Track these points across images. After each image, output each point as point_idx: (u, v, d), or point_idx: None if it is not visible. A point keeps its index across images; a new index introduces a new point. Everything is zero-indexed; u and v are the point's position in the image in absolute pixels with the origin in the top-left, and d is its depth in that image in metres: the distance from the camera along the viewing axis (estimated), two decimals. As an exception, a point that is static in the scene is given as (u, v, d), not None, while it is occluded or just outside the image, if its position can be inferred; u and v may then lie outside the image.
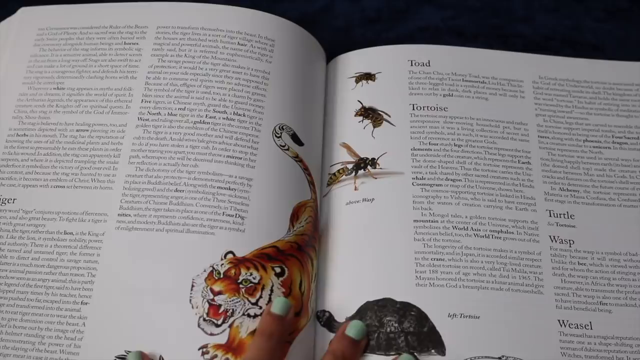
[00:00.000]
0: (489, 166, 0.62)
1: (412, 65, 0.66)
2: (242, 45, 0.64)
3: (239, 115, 0.61)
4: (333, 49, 0.69)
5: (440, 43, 0.69)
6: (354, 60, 0.68)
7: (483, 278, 0.57)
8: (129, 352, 0.52)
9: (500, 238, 0.59)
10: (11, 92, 0.64)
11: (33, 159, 0.60)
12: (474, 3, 0.76)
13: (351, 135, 0.64)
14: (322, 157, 0.64)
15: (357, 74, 0.66)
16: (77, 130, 0.61)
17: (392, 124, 0.63)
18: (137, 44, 0.64)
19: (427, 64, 0.67)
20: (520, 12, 0.75)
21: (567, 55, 0.69)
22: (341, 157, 0.63)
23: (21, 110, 0.63)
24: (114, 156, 0.59)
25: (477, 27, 0.74)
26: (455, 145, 0.63)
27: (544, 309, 0.56)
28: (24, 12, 0.68)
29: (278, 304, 0.53)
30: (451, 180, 0.61)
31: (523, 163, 0.62)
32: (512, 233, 0.59)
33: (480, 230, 0.59)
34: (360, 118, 0.64)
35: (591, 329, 0.56)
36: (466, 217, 0.59)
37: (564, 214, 0.61)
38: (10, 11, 0.67)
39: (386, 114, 0.64)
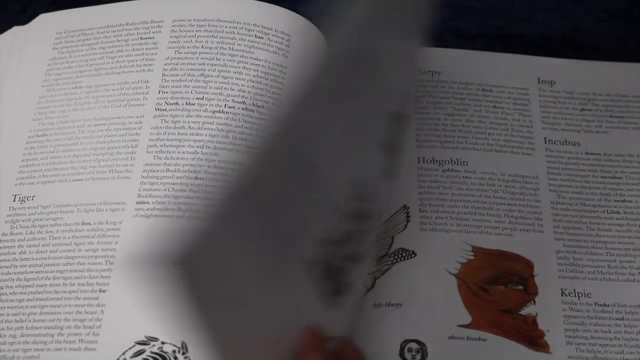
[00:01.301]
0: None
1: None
2: (259, 38, 0.63)
3: (259, 107, 0.60)
4: (333, 49, 0.69)
5: (440, 44, 0.68)
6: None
7: None
8: (150, 337, 0.51)
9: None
10: (31, 96, 0.63)
11: (52, 156, 0.59)
12: (474, 3, 0.75)
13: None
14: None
15: (362, 76, 0.66)
16: (95, 125, 0.60)
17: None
18: (153, 37, 0.64)
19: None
20: (520, 12, 0.75)
21: (567, 56, 0.69)
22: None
23: (41, 112, 0.62)
24: (132, 146, 0.59)
25: (477, 28, 0.74)
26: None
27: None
28: (42, 19, 0.67)
29: None
30: None
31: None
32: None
33: None
34: (365, 120, 0.64)
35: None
36: None
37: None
38: (11, 11, 0.67)
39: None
